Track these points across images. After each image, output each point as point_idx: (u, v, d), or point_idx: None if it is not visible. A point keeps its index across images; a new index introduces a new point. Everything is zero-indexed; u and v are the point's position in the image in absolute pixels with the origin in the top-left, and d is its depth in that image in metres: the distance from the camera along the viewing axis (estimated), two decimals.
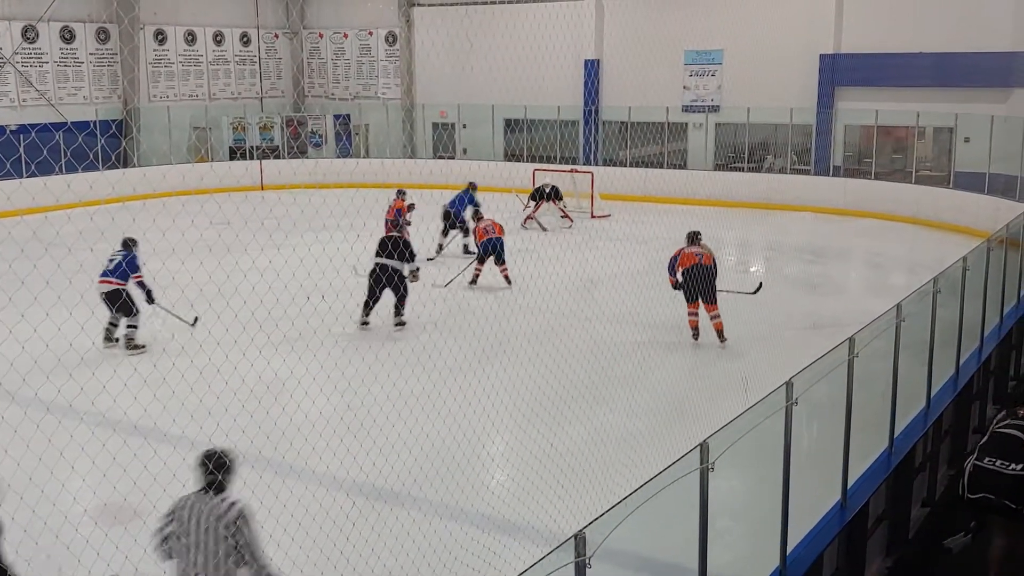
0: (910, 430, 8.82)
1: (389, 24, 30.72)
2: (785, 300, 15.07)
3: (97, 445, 8.03)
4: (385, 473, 8.33)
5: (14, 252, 8.47)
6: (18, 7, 24.66)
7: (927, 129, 23.61)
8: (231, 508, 5.31)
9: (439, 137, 29.95)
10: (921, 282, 10.12)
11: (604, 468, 8.35)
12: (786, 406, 6.26)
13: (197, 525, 5.28)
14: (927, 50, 22.53)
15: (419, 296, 13.00)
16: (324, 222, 15.32)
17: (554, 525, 7.22)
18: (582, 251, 18.61)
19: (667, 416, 9.58)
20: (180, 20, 28.67)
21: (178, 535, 5.36)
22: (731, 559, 6.30)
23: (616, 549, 4.52)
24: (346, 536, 7.10)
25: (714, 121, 26.03)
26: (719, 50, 25.62)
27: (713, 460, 5.27)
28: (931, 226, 20.97)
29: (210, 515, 5.27)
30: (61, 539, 6.93)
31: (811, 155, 24.80)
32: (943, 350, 10.00)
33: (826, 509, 7.20)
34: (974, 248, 11.45)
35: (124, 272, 12.18)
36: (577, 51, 27.16)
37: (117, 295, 11.93)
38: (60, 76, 25.76)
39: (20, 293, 8.16)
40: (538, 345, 11.91)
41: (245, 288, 10.28)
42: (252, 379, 9.88)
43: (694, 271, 12.35)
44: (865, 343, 7.56)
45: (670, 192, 23.80)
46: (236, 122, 28.79)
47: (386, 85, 31.24)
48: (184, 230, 12.69)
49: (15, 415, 8.61)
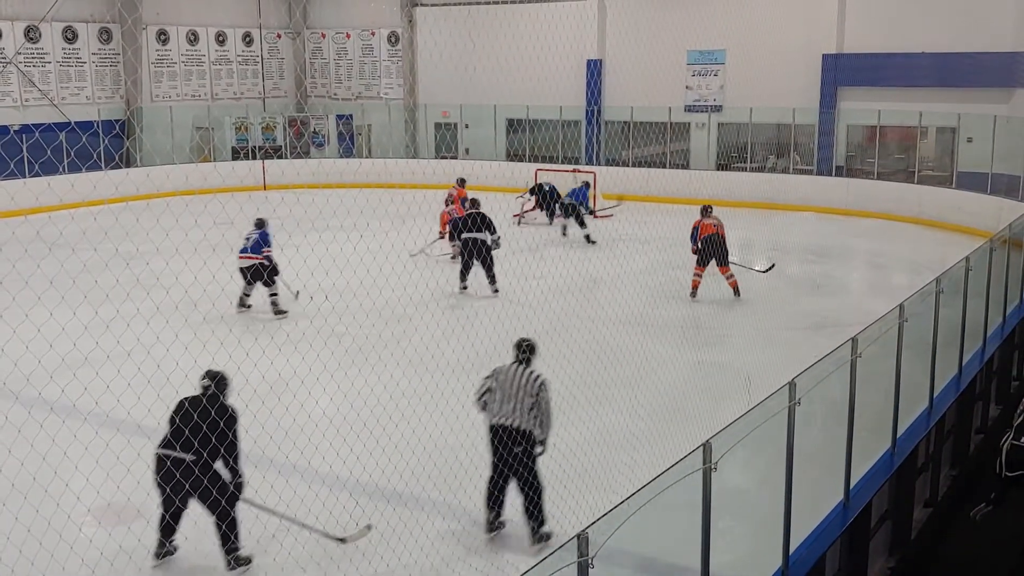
0: (913, 430, 8.83)
1: (391, 24, 30.74)
2: (788, 300, 15.06)
3: (100, 445, 8.04)
4: (388, 473, 8.34)
5: (18, 252, 8.50)
6: (21, 7, 24.69)
7: (930, 129, 23.60)
8: (537, 377, 7.46)
9: (441, 137, 29.96)
10: (924, 282, 10.13)
11: (607, 468, 8.36)
12: (789, 406, 6.27)
13: (511, 385, 7.41)
14: (930, 50, 22.51)
15: (421, 296, 13.01)
16: (327, 222, 15.34)
17: (557, 525, 7.23)
18: (584, 251, 18.62)
19: (669, 416, 9.58)
20: (182, 20, 28.69)
21: (494, 391, 7.48)
22: (733, 559, 6.31)
23: (619, 549, 4.53)
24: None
25: (716, 121, 26.03)
26: (722, 50, 25.61)
27: (716, 460, 5.27)
28: (934, 226, 20.96)
29: (522, 379, 7.43)
30: (65, 539, 6.94)
31: (814, 155, 24.79)
32: (946, 350, 10.00)
33: (828, 509, 7.20)
34: (977, 248, 11.44)
35: (259, 248, 13.77)
36: (579, 51, 27.16)
37: (254, 270, 13.69)
38: (63, 76, 25.80)
39: (24, 293, 8.19)
40: (541, 345, 11.89)
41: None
42: (255, 379, 9.88)
43: (711, 239, 14.46)
44: (868, 343, 7.57)
45: (672, 192, 23.81)
46: (239, 122, 28.81)
47: (388, 85, 31.25)
48: (187, 230, 12.68)
49: (19, 415, 8.62)
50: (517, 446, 7.24)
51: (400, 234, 19.83)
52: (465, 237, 14.98)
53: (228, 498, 6.84)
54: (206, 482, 6.71)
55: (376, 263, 11.93)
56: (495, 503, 7.43)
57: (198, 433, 6.69)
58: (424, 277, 12.73)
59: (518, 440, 7.23)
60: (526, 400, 7.31)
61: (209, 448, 6.69)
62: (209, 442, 6.70)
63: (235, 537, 6.91)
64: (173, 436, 6.84)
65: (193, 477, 6.69)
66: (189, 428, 6.71)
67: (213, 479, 6.78)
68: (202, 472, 6.70)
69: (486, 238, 14.80)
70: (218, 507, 6.82)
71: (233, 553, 6.92)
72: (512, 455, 7.24)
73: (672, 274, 16.52)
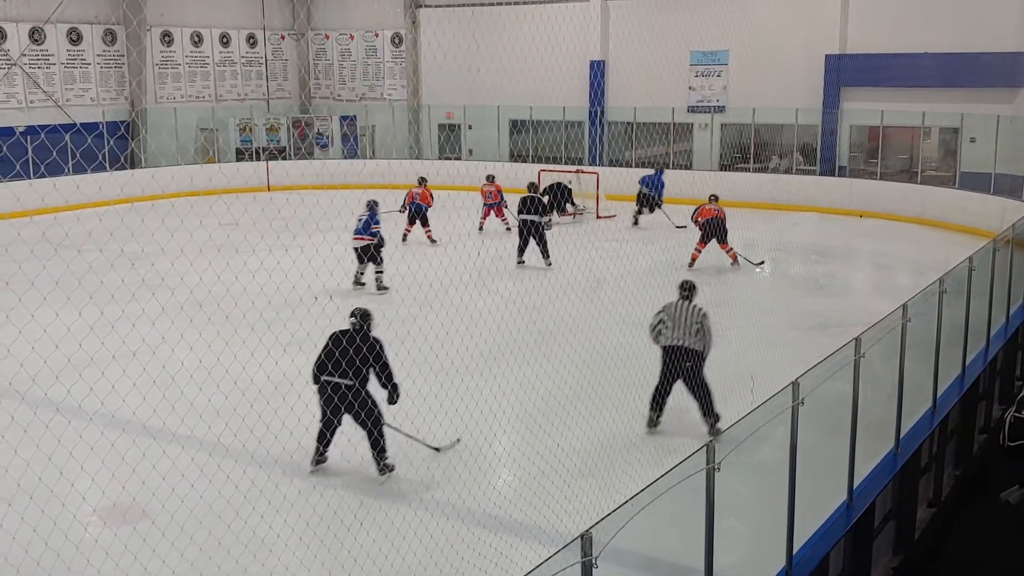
0: (916, 430, 8.84)
1: (395, 25, 30.76)
2: (791, 300, 15.07)
3: (106, 445, 8.08)
4: (393, 473, 8.37)
5: (23, 253, 8.52)
6: (25, 9, 24.75)
7: (933, 129, 23.59)
8: (700, 309, 9.37)
9: (445, 138, 29.98)
10: (927, 282, 10.14)
11: (610, 469, 8.38)
12: (792, 406, 6.28)
13: (680, 316, 9.33)
14: (933, 50, 22.50)
15: (425, 296, 13.04)
16: (332, 223, 15.38)
17: (560, 525, 7.25)
18: (587, 252, 18.63)
19: (673, 416, 9.60)
20: (187, 22, 28.74)
21: (665, 322, 9.39)
22: (737, 559, 6.32)
23: (622, 549, 4.55)
24: (353, 535, 7.14)
25: (719, 122, 26.02)
26: (724, 51, 25.61)
27: (719, 460, 5.29)
28: (937, 226, 20.95)
29: (688, 311, 9.34)
30: (71, 539, 6.97)
31: (817, 155, 24.79)
32: (949, 350, 10.01)
33: (832, 509, 7.21)
34: (980, 248, 11.45)
35: (368, 227, 15.07)
36: (583, 52, 27.16)
37: (366, 248, 15.09)
38: (67, 77, 25.85)
39: (29, 294, 8.22)
40: (544, 346, 11.94)
41: (253, 289, 10.33)
42: (260, 379, 9.92)
43: (712, 222, 16.81)
44: (871, 343, 7.58)
45: (675, 193, 23.82)
46: (243, 123, 28.85)
47: (392, 86, 31.28)
48: (193, 231, 12.71)
49: (25, 415, 8.65)
50: (687, 361, 9.18)
51: (402, 233, 19.94)
52: (522, 218, 17.23)
53: (379, 416, 8.29)
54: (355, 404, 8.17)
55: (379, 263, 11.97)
56: (658, 406, 9.48)
57: (350, 362, 8.04)
58: (428, 278, 12.75)
59: (688, 357, 9.20)
60: (693, 327, 9.24)
61: (361, 374, 8.15)
62: (361, 369, 8.12)
63: (382, 448, 8.35)
64: (332, 365, 8.13)
65: (348, 399, 8.11)
66: (344, 358, 8.03)
67: (364, 400, 8.17)
68: (356, 395, 8.11)
69: (539, 220, 17.12)
70: (368, 424, 8.23)
71: (382, 461, 8.39)
72: (683, 368, 9.18)
73: (676, 275, 16.48)
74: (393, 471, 8.49)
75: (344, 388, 8.14)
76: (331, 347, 8.25)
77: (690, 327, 9.25)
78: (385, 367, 8.32)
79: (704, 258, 17.15)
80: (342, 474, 8.33)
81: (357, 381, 8.16)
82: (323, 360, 8.29)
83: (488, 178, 20.79)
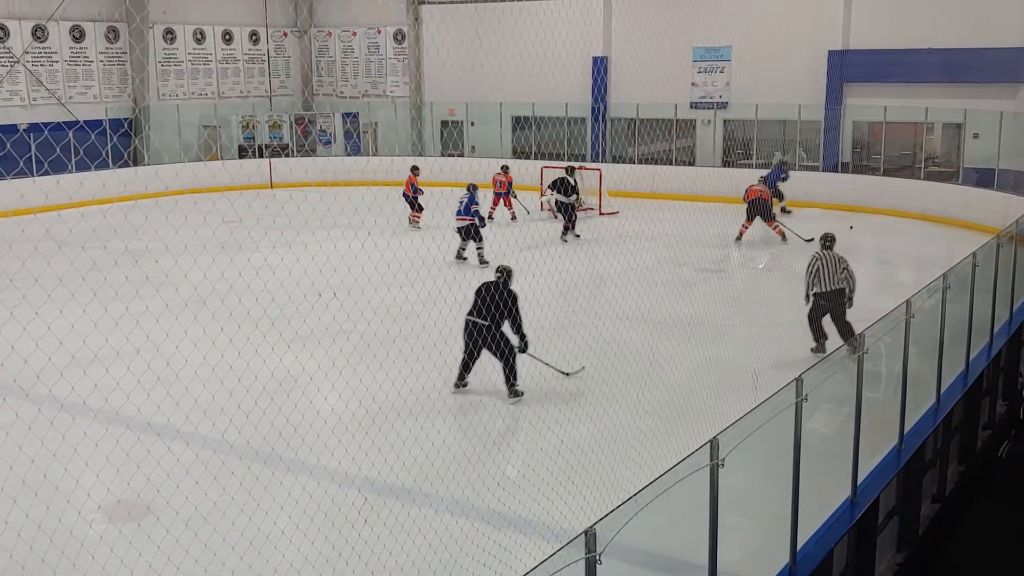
0: (920, 426, 8.84)
1: (397, 22, 30.75)
2: (794, 296, 15.05)
3: (111, 442, 8.10)
4: (396, 469, 8.38)
5: (28, 250, 8.56)
6: (28, 6, 24.76)
7: (936, 125, 23.54)
8: (843, 258, 11.51)
9: (448, 135, 29.96)
10: (930, 279, 10.13)
11: (614, 465, 8.38)
12: (796, 402, 6.28)
13: (829, 262, 11.51)
14: (936, 46, 22.46)
15: (429, 293, 13.05)
16: (335, 220, 15.39)
17: (564, 521, 7.25)
18: (590, 248, 18.63)
19: (676, 413, 9.60)
20: (189, 19, 28.74)
21: (821, 271, 11.47)
22: (741, 556, 6.33)
23: (626, 545, 4.55)
24: (358, 532, 7.15)
25: (722, 118, 25.98)
26: (727, 46, 25.58)
27: (723, 457, 5.29)
28: (940, 222, 20.91)
29: (835, 258, 11.55)
30: (75, 535, 6.99)
31: (819, 151, 24.76)
32: (953, 346, 10.00)
33: (836, 505, 7.22)
34: (983, 244, 11.44)
35: (469, 209, 16.72)
36: (585, 48, 27.15)
37: (467, 228, 16.75)
38: (70, 75, 25.86)
39: (34, 291, 8.24)
40: (547, 342, 11.93)
41: (257, 285, 10.35)
42: (264, 376, 9.94)
43: (756, 202, 18.58)
44: (874, 340, 7.58)
45: (678, 189, 23.79)
46: (245, 120, 28.86)
47: (395, 83, 31.27)
48: (196, 228, 12.73)
49: (29, 412, 8.69)
50: (839, 299, 11.44)
51: (406, 231, 19.96)
52: (558, 200, 19.72)
53: (509, 351, 10.14)
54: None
55: (383, 260, 11.99)
56: (819, 332, 11.60)
57: (492, 307, 9.90)
58: (431, 274, 12.76)
59: (839, 297, 11.44)
60: (840, 271, 11.47)
61: (499, 317, 9.94)
62: (499, 313, 9.92)
63: (514, 377, 10.21)
64: (475, 308, 10.10)
65: (485, 336, 10.00)
66: (486, 304, 9.94)
67: (501, 337, 10.08)
68: (491, 333, 10.00)
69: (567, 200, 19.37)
70: (503, 356, 10.15)
71: (513, 387, 10.19)
72: (835, 306, 11.40)
73: (677, 271, 16.54)
74: (522, 396, 10.22)
75: (483, 327, 9.99)
76: (477, 293, 10.18)
77: (839, 271, 11.44)
78: (516, 317, 10.05)
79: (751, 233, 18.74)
80: (346, 470, 8.34)
81: (493, 323, 9.98)
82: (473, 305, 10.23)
83: (502, 168, 21.62)
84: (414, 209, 20.54)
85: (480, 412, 9.76)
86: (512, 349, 10.18)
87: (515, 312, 10.05)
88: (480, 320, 10.02)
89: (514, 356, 10.20)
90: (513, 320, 10.06)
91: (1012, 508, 10.74)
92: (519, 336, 10.13)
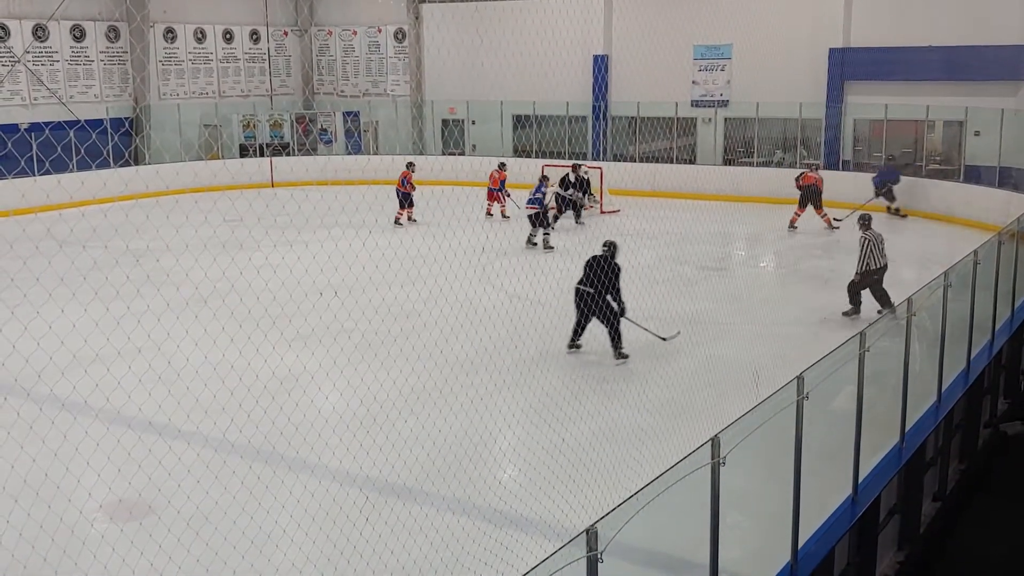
0: (921, 424, 8.83)
1: (398, 21, 30.74)
2: (795, 294, 15.07)
3: (112, 441, 8.11)
4: (397, 468, 8.38)
5: (29, 249, 8.56)
6: (29, 6, 24.76)
7: (937, 123, 23.52)
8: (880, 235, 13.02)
9: (448, 133, 29.95)
10: (932, 276, 10.12)
11: (615, 463, 8.38)
12: (797, 400, 6.28)
13: (878, 241, 12.85)
14: (937, 44, 22.44)
15: (430, 291, 13.05)
16: (335, 219, 15.39)
17: (565, 520, 7.25)
18: (591, 246, 18.60)
19: (678, 411, 9.60)
20: (190, 18, 28.74)
21: (873, 251, 12.84)
22: (742, 554, 6.33)
23: (627, 544, 4.55)
24: (359, 530, 7.15)
25: (723, 116, 25.97)
26: (728, 45, 25.57)
27: (724, 455, 5.29)
28: (941, 220, 20.90)
29: (878, 236, 12.93)
30: (77, 535, 7.00)
31: (820, 149, 24.74)
32: (954, 344, 10.00)
33: (837, 504, 7.21)
34: (985, 242, 11.43)
35: (537, 198, 18.00)
36: (586, 46, 27.13)
37: (536, 215, 17.98)
38: (71, 74, 25.86)
39: (35, 290, 8.25)
40: (548, 341, 11.94)
41: (258, 284, 10.35)
42: (265, 375, 9.94)
43: (810, 188, 19.39)
44: (876, 337, 7.58)
45: (679, 187, 23.76)
46: (246, 120, 28.86)
47: (395, 82, 31.26)
48: (197, 227, 12.74)
49: (31, 412, 8.69)
50: (883, 272, 12.98)
51: (408, 230, 19.96)
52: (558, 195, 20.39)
53: (613, 316, 11.38)
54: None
55: (384, 259, 12.00)
56: (859, 301, 13.23)
57: (597, 277, 11.21)
58: (432, 272, 12.76)
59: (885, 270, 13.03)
60: (883, 245, 12.98)
61: (602, 287, 11.22)
62: (600, 283, 11.20)
63: (619, 339, 11.45)
64: (587, 278, 11.37)
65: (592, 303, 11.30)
66: (595, 273, 11.23)
67: (605, 304, 11.32)
68: (597, 300, 11.27)
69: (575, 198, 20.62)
70: (608, 321, 11.39)
71: (618, 349, 11.44)
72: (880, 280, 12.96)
73: (679, 269, 16.54)
74: (627, 358, 11.43)
75: (590, 295, 11.28)
76: (586, 265, 11.50)
77: (884, 248, 13.01)
78: (617, 288, 11.39)
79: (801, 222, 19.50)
80: (347, 469, 8.34)
81: (598, 291, 11.23)
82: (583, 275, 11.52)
83: (500, 165, 21.75)
84: (402, 207, 20.79)
85: (481, 409, 9.75)
86: (615, 315, 11.37)
87: (617, 285, 11.39)
88: (587, 288, 11.32)
89: (618, 321, 11.38)
90: (613, 288, 11.33)
91: (1013, 506, 10.73)
92: (617, 303, 11.36)
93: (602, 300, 11.29)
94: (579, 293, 11.52)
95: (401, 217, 20.85)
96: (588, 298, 11.33)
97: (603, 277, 11.25)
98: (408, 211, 20.95)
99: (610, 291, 11.32)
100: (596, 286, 11.23)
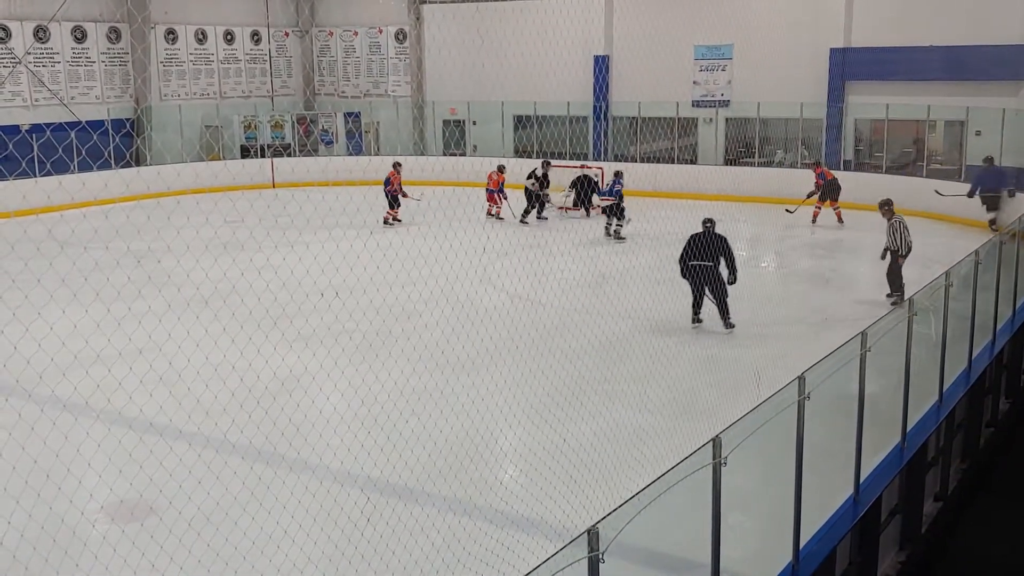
0: (923, 424, 8.82)
1: (399, 21, 30.75)
2: (797, 294, 15.06)
3: (113, 442, 8.11)
4: (399, 469, 8.38)
5: (30, 251, 8.56)
6: (30, 7, 24.78)
7: (938, 123, 23.51)
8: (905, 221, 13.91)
9: (450, 134, 29.96)
10: (933, 276, 10.12)
11: (616, 464, 8.38)
12: (798, 400, 6.27)
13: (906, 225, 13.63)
14: (938, 43, 22.43)
15: (431, 292, 13.05)
16: (336, 219, 15.39)
17: (567, 520, 7.25)
18: (592, 247, 18.63)
19: (679, 412, 9.60)
20: (191, 19, 28.75)
21: (906, 236, 13.46)
22: (743, 554, 6.33)
23: (629, 544, 4.55)
24: (360, 531, 7.15)
25: (724, 116, 25.97)
26: (729, 45, 25.57)
27: (725, 455, 5.29)
28: (943, 220, 20.89)
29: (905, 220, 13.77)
30: (78, 536, 7.00)
31: (821, 149, 24.73)
32: (955, 344, 9.99)
33: (839, 504, 7.20)
34: (986, 242, 11.42)
35: (612, 191, 19.32)
36: (587, 47, 27.13)
37: (610, 207, 19.18)
38: (72, 75, 25.88)
39: (36, 291, 8.25)
40: (549, 341, 11.94)
41: (259, 285, 10.36)
42: (267, 376, 9.94)
43: (831, 182, 20.29)
44: (877, 337, 7.57)
45: (680, 187, 23.75)
46: (247, 120, 28.87)
47: (396, 82, 31.27)
48: (198, 228, 12.76)
49: (32, 413, 8.69)
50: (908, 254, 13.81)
51: (408, 230, 19.96)
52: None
53: (723, 288, 12.29)
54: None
55: (385, 259, 12.01)
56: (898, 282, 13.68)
57: (705, 251, 12.23)
58: (433, 272, 12.76)
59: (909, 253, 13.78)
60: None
61: (712, 259, 12.22)
62: (712, 256, 12.24)
63: (727, 311, 12.41)
64: (694, 254, 12.31)
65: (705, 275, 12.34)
66: (704, 248, 12.19)
67: (717, 276, 12.29)
68: (709, 272, 12.28)
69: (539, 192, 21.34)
70: (717, 293, 12.35)
71: (727, 319, 12.45)
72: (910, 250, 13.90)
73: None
74: (734, 328, 12.33)
75: (705, 268, 12.29)
76: (691, 243, 12.37)
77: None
78: (730, 254, 12.29)
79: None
80: (348, 470, 8.34)
81: (710, 264, 12.21)
82: (687, 252, 12.43)
83: (499, 167, 21.77)
84: (391, 207, 20.95)
85: (482, 410, 9.74)
86: (725, 287, 12.24)
87: (729, 250, 12.28)
88: (702, 262, 12.23)
89: (727, 293, 12.28)
90: (728, 257, 12.23)
91: (1015, 506, 10.72)
92: (731, 271, 12.20)
93: (715, 272, 12.22)
94: (692, 269, 12.34)
95: (390, 217, 21.01)
96: (703, 272, 12.26)
97: (714, 250, 12.17)
98: (394, 211, 21.15)
99: (726, 260, 12.23)
100: (710, 259, 12.19)
